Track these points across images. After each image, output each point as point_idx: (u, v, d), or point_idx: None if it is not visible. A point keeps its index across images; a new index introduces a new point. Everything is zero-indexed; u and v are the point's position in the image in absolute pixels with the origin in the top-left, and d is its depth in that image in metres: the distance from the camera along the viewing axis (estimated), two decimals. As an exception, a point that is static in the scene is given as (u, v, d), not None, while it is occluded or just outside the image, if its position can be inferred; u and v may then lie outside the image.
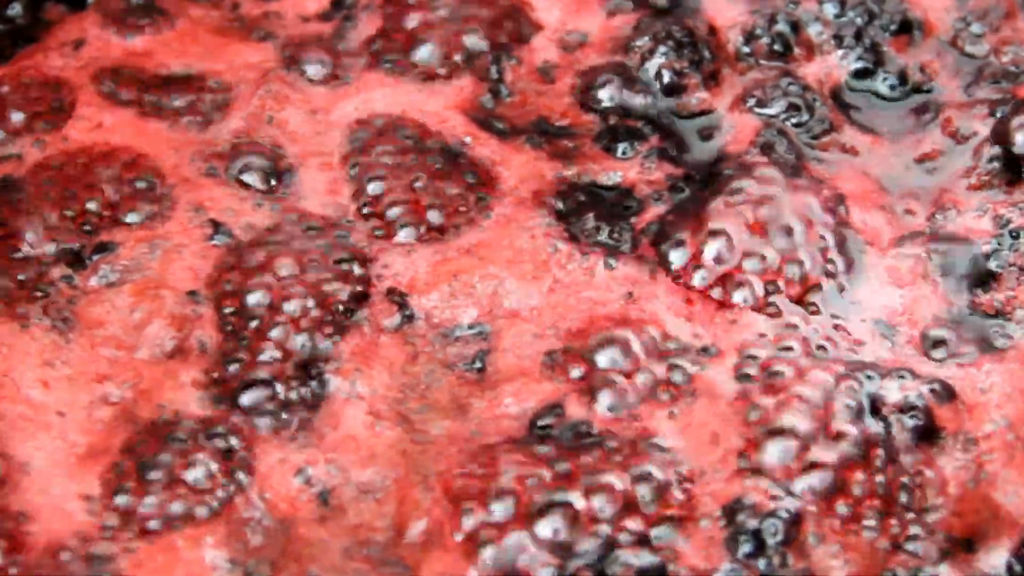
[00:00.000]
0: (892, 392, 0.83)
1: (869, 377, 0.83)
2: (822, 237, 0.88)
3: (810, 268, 0.87)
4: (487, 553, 0.77)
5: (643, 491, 0.79)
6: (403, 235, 0.89)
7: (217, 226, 0.89)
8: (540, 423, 0.82)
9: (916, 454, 0.81)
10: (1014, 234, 0.89)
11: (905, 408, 0.82)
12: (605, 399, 0.83)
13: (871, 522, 0.79)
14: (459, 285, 0.87)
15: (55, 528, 0.78)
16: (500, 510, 0.78)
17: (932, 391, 0.83)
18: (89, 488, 0.79)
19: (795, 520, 0.79)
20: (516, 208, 0.90)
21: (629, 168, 0.93)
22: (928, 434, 0.82)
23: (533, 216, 0.90)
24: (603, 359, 0.84)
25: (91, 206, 0.89)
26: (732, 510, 0.79)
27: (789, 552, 0.78)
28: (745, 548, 0.78)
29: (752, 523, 0.78)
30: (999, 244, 0.89)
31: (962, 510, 0.80)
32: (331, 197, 0.91)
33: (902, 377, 0.84)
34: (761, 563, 0.78)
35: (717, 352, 0.85)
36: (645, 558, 0.77)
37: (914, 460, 0.81)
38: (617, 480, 0.79)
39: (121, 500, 0.79)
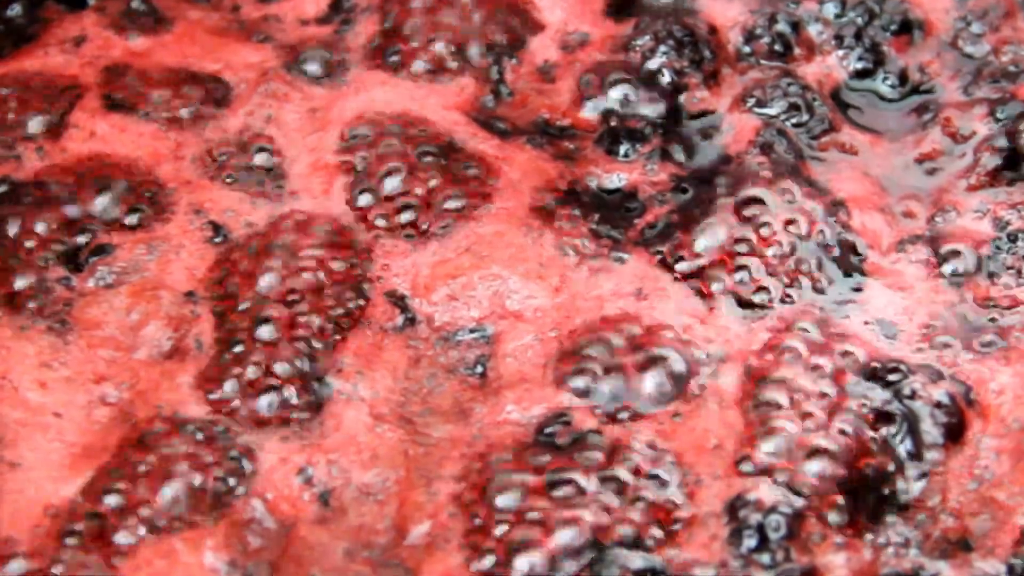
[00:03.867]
0: (914, 389, 0.83)
1: (886, 375, 0.84)
2: (824, 239, 0.88)
3: (813, 270, 0.88)
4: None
5: (646, 490, 0.79)
6: (404, 235, 0.89)
7: (216, 227, 0.89)
8: (544, 431, 0.82)
9: (924, 453, 0.82)
10: (1012, 237, 0.89)
11: (933, 406, 0.83)
12: (606, 405, 0.83)
13: (875, 519, 0.80)
14: (460, 286, 0.87)
15: (45, 528, 0.78)
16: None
17: (957, 390, 0.83)
18: (84, 489, 0.79)
19: (798, 516, 0.79)
20: (518, 208, 0.90)
21: (632, 170, 0.93)
22: (955, 433, 0.83)
23: (536, 216, 0.90)
24: (605, 362, 0.84)
25: (89, 209, 0.89)
26: (734, 506, 0.79)
27: (792, 547, 0.78)
28: (749, 543, 0.78)
29: (755, 518, 0.78)
30: (998, 247, 0.89)
31: (965, 510, 0.81)
32: (331, 197, 0.90)
33: (916, 376, 0.84)
34: (764, 558, 0.78)
35: (724, 353, 0.85)
36: (648, 557, 0.78)
37: (920, 459, 0.81)
38: (619, 478, 0.79)
39: (117, 501, 0.79)
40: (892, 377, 0.84)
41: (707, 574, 0.77)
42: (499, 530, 0.78)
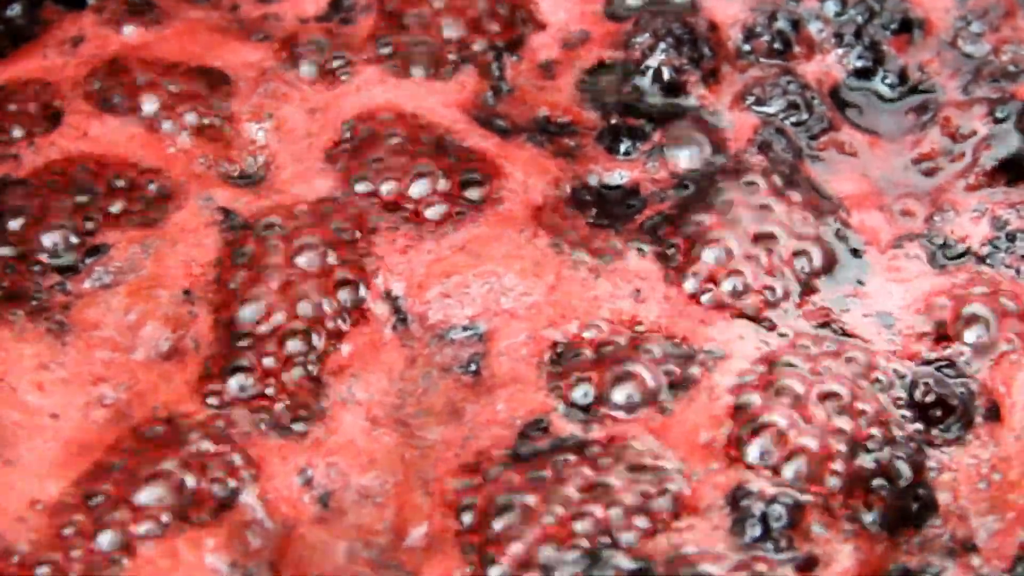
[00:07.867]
0: (919, 386, 0.84)
1: (890, 370, 0.84)
2: (822, 238, 0.88)
3: (811, 269, 0.88)
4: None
5: (646, 486, 0.79)
6: (401, 233, 0.89)
7: (213, 226, 0.89)
8: (534, 430, 0.82)
9: (936, 447, 0.82)
10: (1011, 236, 0.90)
11: (940, 405, 0.83)
12: (601, 404, 0.83)
13: (879, 514, 0.80)
14: (454, 284, 0.87)
15: (39, 526, 0.78)
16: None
17: (970, 390, 0.84)
18: (83, 489, 0.79)
19: (799, 506, 0.79)
20: (517, 205, 0.90)
21: (632, 167, 0.93)
22: (966, 432, 0.83)
23: (534, 213, 0.89)
24: (598, 361, 0.84)
25: (84, 209, 0.89)
26: (735, 497, 0.79)
27: (795, 536, 0.78)
28: (752, 532, 0.78)
29: (758, 507, 0.79)
30: (995, 247, 0.90)
31: (972, 508, 0.81)
32: (329, 196, 0.90)
33: (921, 372, 0.84)
34: (768, 546, 0.78)
35: (722, 353, 0.85)
36: (651, 550, 0.78)
37: (932, 455, 0.82)
38: (616, 479, 0.79)
39: (116, 502, 0.78)
40: (902, 371, 0.84)
41: (709, 565, 0.77)
42: (496, 532, 0.78)
